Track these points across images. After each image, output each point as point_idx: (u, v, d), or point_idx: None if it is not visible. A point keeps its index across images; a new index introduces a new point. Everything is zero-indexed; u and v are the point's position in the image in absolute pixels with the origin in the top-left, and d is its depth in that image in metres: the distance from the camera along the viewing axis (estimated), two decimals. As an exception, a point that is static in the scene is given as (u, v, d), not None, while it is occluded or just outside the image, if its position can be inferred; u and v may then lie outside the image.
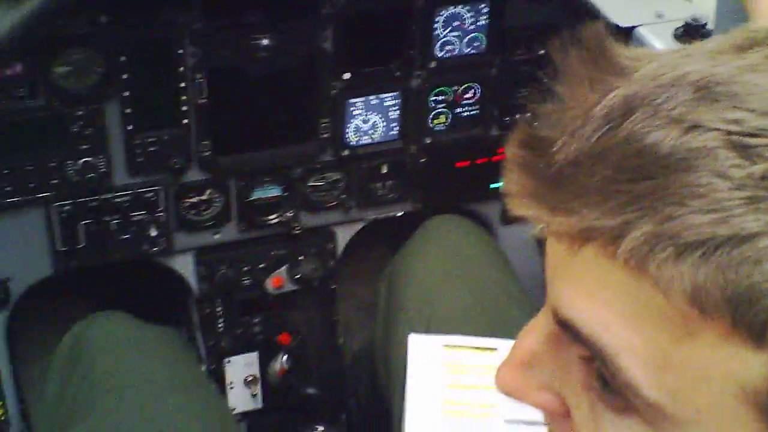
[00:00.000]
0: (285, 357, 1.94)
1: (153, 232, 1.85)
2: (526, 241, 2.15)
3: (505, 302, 1.84)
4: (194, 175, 1.84)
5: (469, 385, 1.68)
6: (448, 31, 1.89)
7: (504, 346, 1.72)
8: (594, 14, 1.76)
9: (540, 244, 2.16)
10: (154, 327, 1.88)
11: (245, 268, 1.96)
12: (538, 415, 1.67)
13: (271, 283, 1.85)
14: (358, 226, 2.03)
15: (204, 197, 1.87)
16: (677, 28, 1.75)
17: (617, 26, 1.75)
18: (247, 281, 1.97)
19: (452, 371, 1.69)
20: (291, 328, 1.88)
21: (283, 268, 1.86)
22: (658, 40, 1.74)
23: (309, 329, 1.86)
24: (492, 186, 2.06)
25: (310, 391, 1.87)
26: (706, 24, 1.72)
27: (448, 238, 1.94)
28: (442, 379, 1.68)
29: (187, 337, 2.07)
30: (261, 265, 1.97)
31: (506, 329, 1.78)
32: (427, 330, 1.77)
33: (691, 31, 1.72)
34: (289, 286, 1.86)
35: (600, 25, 0.67)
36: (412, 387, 1.66)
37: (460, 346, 1.71)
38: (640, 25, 1.77)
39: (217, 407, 1.83)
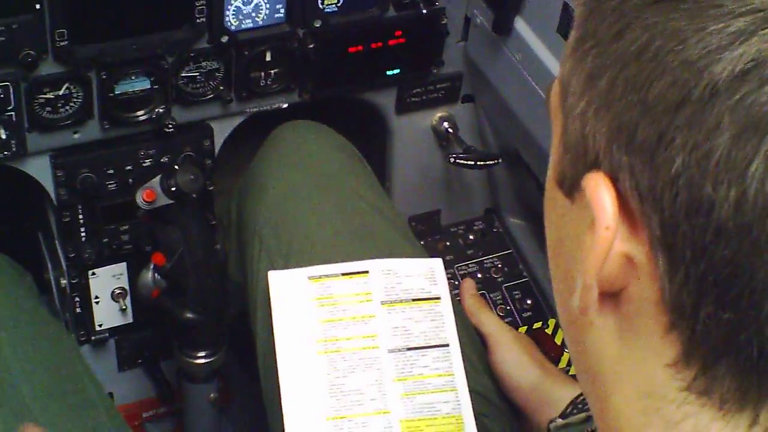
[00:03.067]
0: (157, 275, 1.69)
1: (2, 134, 1.58)
2: (422, 131, 1.96)
3: (372, 216, 1.65)
4: (49, 67, 1.57)
5: (344, 318, 1.51)
6: None
7: (376, 267, 1.55)
8: None
9: (436, 133, 1.99)
10: None
11: (110, 171, 1.71)
12: (421, 340, 1.52)
13: (142, 197, 1.60)
14: (238, 120, 1.80)
15: (61, 92, 1.60)
16: None
17: None
18: (113, 185, 1.72)
19: (323, 305, 1.51)
20: (165, 246, 1.64)
21: (156, 179, 1.61)
22: None
23: (186, 246, 1.62)
24: (388, 73, 1.85)
25: (189, 315, 1.64)
26: None
27: (304, 148, 1.72)
28: (313, 316, 1.50)
29: (46, 248, 1.83)
30: (128, 168, 1.73)
31: (376, 247, 1.60)
32: (288, 257, 1.58)
33: None
34: (163, 200, 1.61)
35: None
36: (281, 330, 1.48)
37: (327, 276, 1.53)
38: None
39: (58, 341, 1.62)
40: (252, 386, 1.68)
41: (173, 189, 1.58)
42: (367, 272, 1.55)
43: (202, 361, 1.69)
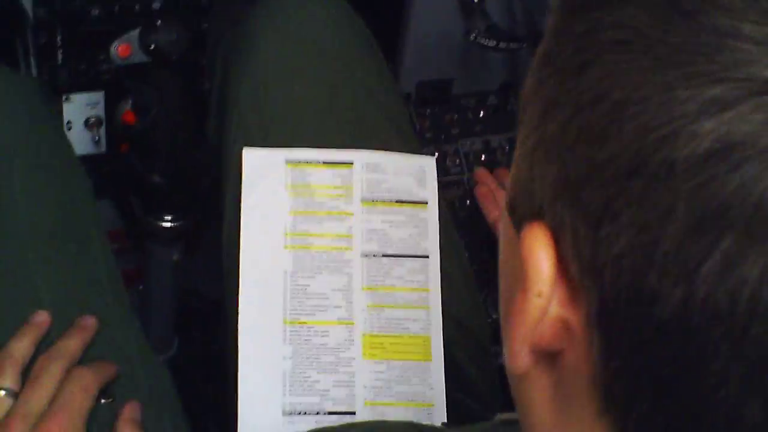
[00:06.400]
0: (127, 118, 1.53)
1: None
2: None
3: (366, 103, 1.49)
4: None
5: (319, 212, 1.38)
6: None
7: (361, 159, 1.41)
8: None
9: (461, 2, 1.80)
10: None
11: None
12: (399, 247, 1.39)
13: (117, 51, 1.43)
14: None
15: None
16: None
17: None
18: (96, 11, 1.56)
19: (298, 194, 1.38)
20: (139, 104, 1.47)
21: (134, 33, 1.43)
22: None
23: (161, 109, 1.45)
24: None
25: (157, 179, 1.49)
26: None
27: (304, 17, 1.52)
28: (285, 205, 1.37)
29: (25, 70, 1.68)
30: None
31: (364, 137, 1.45)
32: (266, 134, 1.43)
33: None
34: (140, 57, 1.43)
35: None
36: (248, 217, 1.35)
37: (307, 163, 1.39)
38: None
39: (72, 179, 1.47)
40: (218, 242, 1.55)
41: (152, 47, 1.41)
42: (351, 164, 1.42)
43: (167, 225, 1.56)
